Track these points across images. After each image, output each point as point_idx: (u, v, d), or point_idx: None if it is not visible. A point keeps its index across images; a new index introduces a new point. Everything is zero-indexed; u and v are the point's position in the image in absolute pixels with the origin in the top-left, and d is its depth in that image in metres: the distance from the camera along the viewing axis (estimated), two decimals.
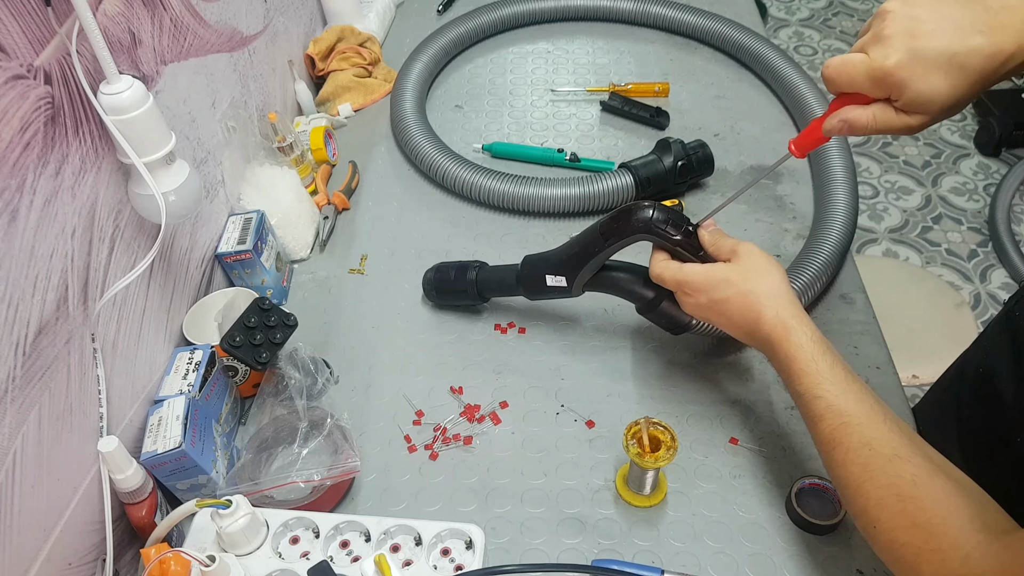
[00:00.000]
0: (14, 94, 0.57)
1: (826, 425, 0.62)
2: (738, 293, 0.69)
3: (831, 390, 0.63)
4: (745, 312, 0.69)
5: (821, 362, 0.64)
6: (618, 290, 0.81)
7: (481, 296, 0.89)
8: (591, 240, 0.77)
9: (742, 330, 0.71)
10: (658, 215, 0.73)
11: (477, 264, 0.89)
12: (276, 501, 0.71)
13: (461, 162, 1.06)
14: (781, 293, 0.69)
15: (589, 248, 0.78)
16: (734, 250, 0.72)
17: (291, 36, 1.20)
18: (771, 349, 0.68)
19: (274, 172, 1.00)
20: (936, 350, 1.31)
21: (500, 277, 0.87)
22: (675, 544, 0.72)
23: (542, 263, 0.82)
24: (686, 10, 1.32)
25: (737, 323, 0.71)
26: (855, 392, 0.62)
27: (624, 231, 0.75)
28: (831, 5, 3.08)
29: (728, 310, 0.70)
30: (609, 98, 1.21)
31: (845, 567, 0.70)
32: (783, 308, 0.68)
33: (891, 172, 2.43)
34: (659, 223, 0.73)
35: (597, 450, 0.80)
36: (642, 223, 0.74)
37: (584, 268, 0.78)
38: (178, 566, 0.58)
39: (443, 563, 0.64)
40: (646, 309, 0.80)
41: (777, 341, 0.67)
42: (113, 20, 0.70)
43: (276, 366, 0.78)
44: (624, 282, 0.80)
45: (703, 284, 0.71)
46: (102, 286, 0.69)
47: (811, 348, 0.65)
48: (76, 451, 0.65)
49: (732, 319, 0.71)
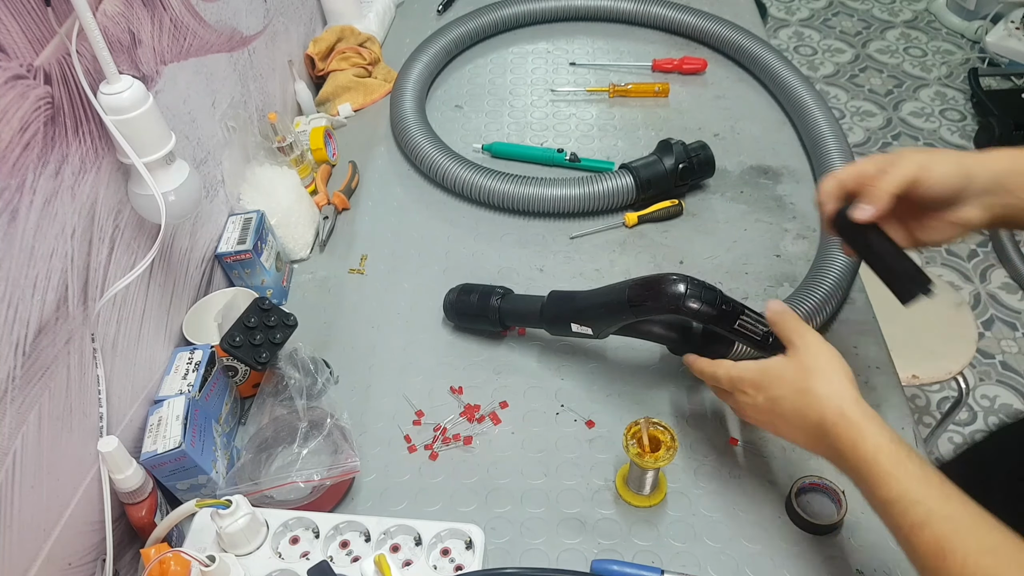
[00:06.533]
0: (14, 94, 0.57)
1: (931, 533, 0.53)
2: (794, 391, 0.62)
3: (930, 494, 0.54)
4: (805, 411, 0.62)
5: (910, 464, 0.56)
6: (651, 336, 0.79)
7: (502, 323, 0.88)
8: (618, 306, 0.74)
9: (803, 432, 0.63)
10: (691, 301, 0.67)
11: (501, 290, 0.87)
12: (276, 501, 0.71)
13: (461, 162, 1.06)
14: (844, 392, 0.61)
15: (616, 313, 0.75)
16: (790, 340, 0.65)
17: (291, 36, 1.20)
18: (840, 454, 0.60)
19: (274, 172, 1.00)
20: (936, 350, 1.31)
21: (525, 309, 0.85)
22: (675, 544, 0.72)
23: (569, 310, 0.80)
24: (686, 10, 1.32)
25: (796, 424, 0.63)
26: (956, 495, 0.54)
27: (652, 308, 0.70)
28: (831, 5, 3.08)
29: (784, 410, 0.63)
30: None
31: (845, 567, 0.70)
32: (848, 407, 0.59)
33: None
34: (691, 308, 0.67)
35: (597, 450, 0.80)
36: (672, 305, 0.68)
37: (610, 328, 0.78)
38: (178, 566, 0.58)
39: (443, 563, 0.64)
40: (679, 351, 0.79)
41: (849, 444, 0.58)
42: (113, 20, 0.70)
43: (276, 366, 0.78)
44: (654, 335, 0.79)
45: (758, 381, 0.65)
46: (102, 286, 0.69)
47: (892, 449, 0.57)
48: (76, 451, 0.65)
49: (789, 420, 0.63)
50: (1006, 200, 0.63)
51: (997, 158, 0.64)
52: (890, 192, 0.62)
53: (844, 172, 0.66)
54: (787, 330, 0.65)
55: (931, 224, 0.66)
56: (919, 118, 2.55)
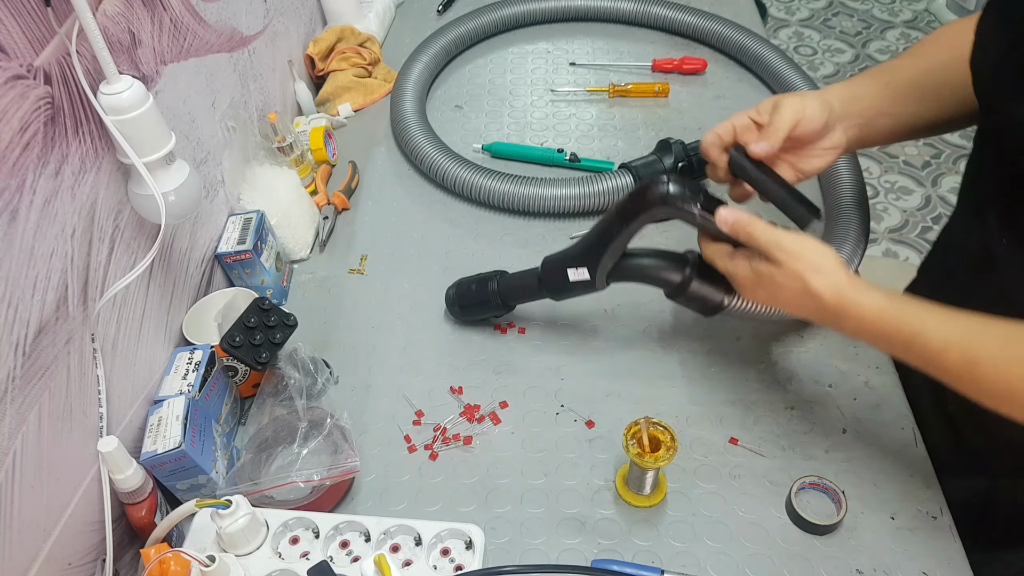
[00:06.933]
0: (14, 94, 0.57)
1: (956, 351, 0.58)
2: (789, 291, 0.66)
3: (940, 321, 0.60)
4: (804, 303, 0.66)
5: (914, 308, 0.61)
6: (643, 277, 0.78)
7: (505, 304, 0.88)
8: (608, 223, 0.75)
9: (807, 315, 0.68)
10: (675, 189, 0.70)
11: (497, 273, 0.88)
12: (276, 501, 0.71)
13: (461, 162, 1.06)
14: (835, 279, 0.64)
15: (608, 232, 0.75)
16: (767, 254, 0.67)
17: (291, 36, 1.20)
18: (849, 329, 0.65)
19: (274, 172, 1.00)
20: None
21: (522, 282, 0.85)
22: (675, 544, 0.72)
23: (562, 259, 0.80)
24: (686, 10, 1.32)
25: (799, 311, 0.68)
26: (961, 314, 0.60)
27: (640, 208, 0.72)
28: (831, 5, 3.08)
29: (784, 301, 0.68)
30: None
31: (845, 567, 0.70)
32: (843, 290, 0.64)
33: (891, 172, 2.43)
34: (676, 197, 0.70)
35: (597, 450, 0.80)
36: (658, 198, 0.71)
37: (605, 255, 0.76)
38: (178, 566, 0.58)
39: (443, 563, 0.64)
40: (676, 293, 0.77)
41: (855, 319, 0.63)
42: (113, 20, 0.70)
43: (276, 366, 0.78)
44: (649, 268, 0.77)
45: (754, 279, 0.69)
46: (102, 286, 0.69)
47: (893, 304, 0.62)
48: (76, 451, 0.65)
49: (792, 308, 0.68)
50: (853, 122, 0.74)
51: (841, 89, 0.75)
52: (783, 130, 0.71)
53: (721, 128, 0.74)
54: (758, 245, 0.67)
55: (809, 155, 0.74)
56: None
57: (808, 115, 0.71)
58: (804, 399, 0.83)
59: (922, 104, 0.75)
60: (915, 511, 0.73)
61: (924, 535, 0.71)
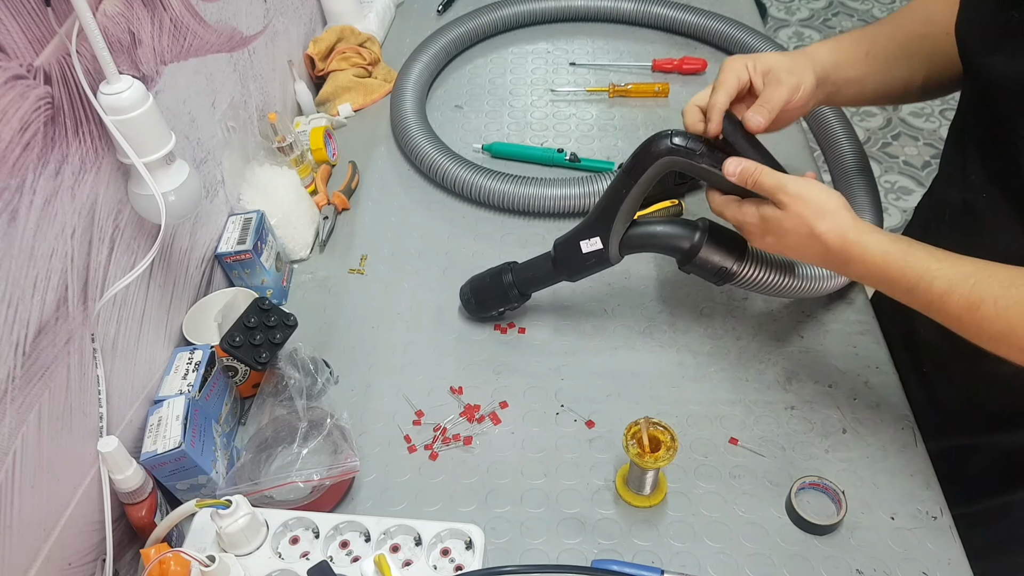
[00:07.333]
0: (14, 94, 0.57)
1: (958, 294, 0.60)
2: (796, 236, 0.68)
3: (943, 266, 0.61)
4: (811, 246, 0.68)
5: (918, 251, 0.62)
6: (654, 244, 0.79)
7: (522, 294, 0.87)
8: (617, 184, 0.76)
9: (814, 259, 0.69)
10: (677, 139, 0.72)
11: (509, 265, 0.88)
12: (276, 501, 0.71)
13: (461, 162, 1.06)
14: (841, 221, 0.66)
15: (617, 193, 0.76)
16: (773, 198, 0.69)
17: (291, 36, 1.20)
18: (855, 272, 0.66)
19: (274, 172, 1.00)
20: None
21: (536, 267, 0.85)
22: (675, 544, 0.72)
23: (573, 234, 0.81)
24: (686, 10, 1.32)
25: (806, 255, 0.69)
26: (965, 258, 0.61)
27: (648, 161, 0.73)
28: (831, 5, 3.08)
29: (791, 246, 0.69)
30: None
31: (845, 567, 0.70)
32: (848, 233, 0.65)
33: (891, 172, 2.43)
34: (682, 147, 0.72)
35: (597, 450, 0.80)
36: (665, 149, 0.72)
37: (616, 220, 0.77)
38: (178, 566, 0.58)
39: (443, 563, 0.64)
40: (685, 260, 0.78)
41: (860, 262, 0.65)
42: (113, 20, 0.70)
43: (276, 366, 0.78)
44: (659, 235, 0.78)
45: (762, 226, 0.70)
46: (102, 286, 0.69)
47: (897, 247, 0.63)
48: (76, 451, 0.65)
49: (799, 252, 0.70)
50: (829, 88, 0.79)
51: (827, 54, 0.79)
52: (778, 107, 0.73)
53: (698, 99, 0.77)
54: (764, 190, 0.69)
55: (780, 116, 0.76)
56: (919, 118, 2.56)
57: (803, 92, 0.75)
58: (804, 399, 0.83)
59: (894, 75, 0.80)
60: (915, 511, 0.73)
61: (924, 535, 0.71)
